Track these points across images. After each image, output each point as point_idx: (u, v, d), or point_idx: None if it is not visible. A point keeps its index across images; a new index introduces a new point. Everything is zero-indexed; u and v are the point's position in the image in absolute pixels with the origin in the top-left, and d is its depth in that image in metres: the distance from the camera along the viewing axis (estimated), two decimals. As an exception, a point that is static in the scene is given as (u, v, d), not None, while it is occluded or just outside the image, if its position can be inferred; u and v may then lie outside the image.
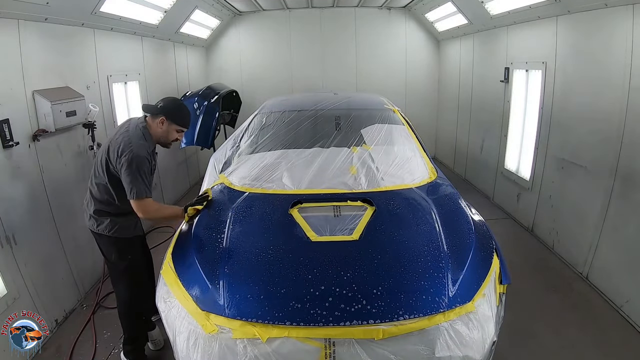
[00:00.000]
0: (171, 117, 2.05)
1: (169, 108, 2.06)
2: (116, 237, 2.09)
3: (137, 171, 1.91)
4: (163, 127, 2.05)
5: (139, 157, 1.92)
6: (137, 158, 1.92)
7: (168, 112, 2.05)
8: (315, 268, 1.64)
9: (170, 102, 2.10)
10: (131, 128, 2.03)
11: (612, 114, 2.67)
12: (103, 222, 2.07)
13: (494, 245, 1.88)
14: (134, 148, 1.93)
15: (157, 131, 2.06)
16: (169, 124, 2.05)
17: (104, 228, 2.07)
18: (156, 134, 2.07)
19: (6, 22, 2.28)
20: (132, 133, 2.00)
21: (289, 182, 2.25)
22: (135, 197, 1.92)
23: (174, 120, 2.06)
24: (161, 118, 2.03)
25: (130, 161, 1.90)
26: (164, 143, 2.13)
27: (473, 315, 1.54)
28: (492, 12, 4.07)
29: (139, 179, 1.92)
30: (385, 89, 5.86)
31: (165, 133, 2.08)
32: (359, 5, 5.89)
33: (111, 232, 2.08)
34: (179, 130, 2.10)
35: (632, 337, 2.39)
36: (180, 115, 2.09)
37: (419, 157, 2.56)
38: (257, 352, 1.44)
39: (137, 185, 1.92)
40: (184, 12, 4.40)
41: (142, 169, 1.92)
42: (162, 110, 2.04)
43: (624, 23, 2.53)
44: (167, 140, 2.12)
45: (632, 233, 2.53)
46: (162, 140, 2.11)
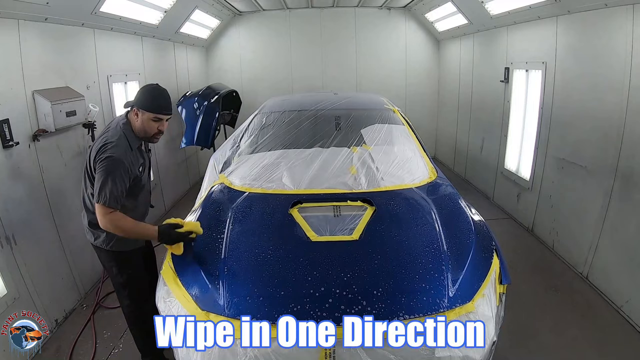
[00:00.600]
0: (140, 104, 1.83)
1: (138, 95, 1.87)
2: (114, 251, 1.95)
3: (108, 174, 1.72)
4: (138, 118, 1.86)
5: (114, 160, 1.74)
6: (111, 160, 1.74)
7: (137, 100, 1.85)
8: (315, 268, 1.64)
9: (142, 88, 1.90)
10: (112, 126, 1.89)
11: (612, 114, 2.67)
12: (100, 236, 1.92)
13: (494, 246, 1.88)
14: (109, 148, 1.76)
15: (135, 125, 1.87)
16: (142, 113, 1.84)
17: (101, 242, 1.93)
18: (136, 129, 1.88)
19: (6, 22, 2.28)
20: (112, 132, 1.85)
21: (289, 182, 2.25)
22: (99, 201, 1.71)
23: (143, 106, 1.83)
24: (134, 109, 1.86)
25: (103, 161, 1.74)
26: (146, 137, 1.92)
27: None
28: (492, 12, 4.07)
29: (109, 183, 1.72)
30: (385, 88, 5.88)
31: (141, 125, 1.86)
32: (359, 5, 5.89)
33: (109, 245, 1.93)
34: (155, 119, 1.85)
35: (632, 337, 2.39)
36: (150, 99, 1.84)
37: (419, 157, 2.56)
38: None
39: (104, 190, 1.71)
40: (184, 12, 4.40)
41: (115, 172, 1.73)
42: (135, 99, 1.87)
43: (624, 23, 2.53)
44: (146, 135, 1.89)
45: (632, 233, 2.53)
46: (141, 135, 1.90)
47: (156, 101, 1.85)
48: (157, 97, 1.86)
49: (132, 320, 2.11)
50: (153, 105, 1.84)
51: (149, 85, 1.91)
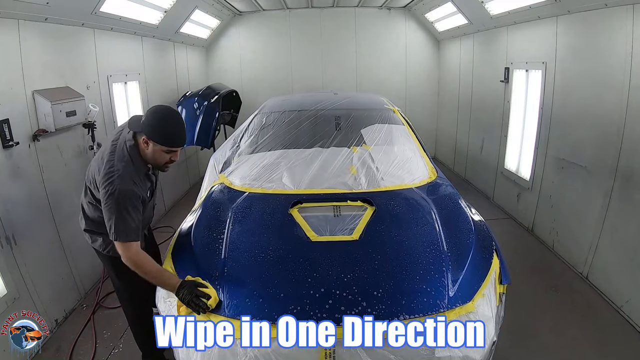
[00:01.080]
0: (151, 136, 1.65)
1: (148, 122, 1.65)
2: (112, 256, 1.86)
3: (118, 208, 1.60)
4: (148, 147, 1.68)
5: (122, 192, 1.60)
6: (120, 193, 1.60)
7: (147, 128, 1.65)
8: (315, 268, 1.64)
9: (150, 115, 1.66)
10: (119, 146, 1.70)
11: (612, 114, 2.67)
12: (97, 240, 1.90)
13: (494, 246, 1.88)
14: (116, 179, 1.61)
15: (144, 152, 1.70)
16: (153, 144, 1.66)
17: (99, 246, 1.90)
18: (145, 156, 1.71)
19: (6, 22, 2.28)
20: (118, 155, 1.67)
21: (289, 182, 2.25)
22: (118, 239, 1.62)
23: (154, 138, 1.65)
24: (143, 137, 1.67)
25: (110, 195, 1.60)
26: (157, 168, 1.78)
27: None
28: (492, 12, 4.07)
29: (121, 218, 1.60)
30: (385, 88, 5.88)
31: (152, 156, 1.70)
32: (359, 5, 5.89)
33: (105, 250, 1.89)
34: (167, 151, 1.69)
35: (632, 337, 2.39)
36: (161, 131, 1.64)
37: (419, 157, 2.56)
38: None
39: (117, 226, 1.60)
40: (184, 12, 4.40)
41: (125, 206, 1.61)
42: (143, 126, 1.65)
43: (624, 23, 2.53)
44: (158, 165, 1.75)
45: (632, 233, 2.53)
46: (152, 163, 1.74)
47: (170, 134, 1.67)
48: (172, 128, 1.67)
49: (133, 321, 2.12)
50: (167, 138, 1.66)
51: (161, 111, 1.68)
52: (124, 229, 1.62)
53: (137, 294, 1.99)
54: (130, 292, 2.00)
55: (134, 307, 2.05)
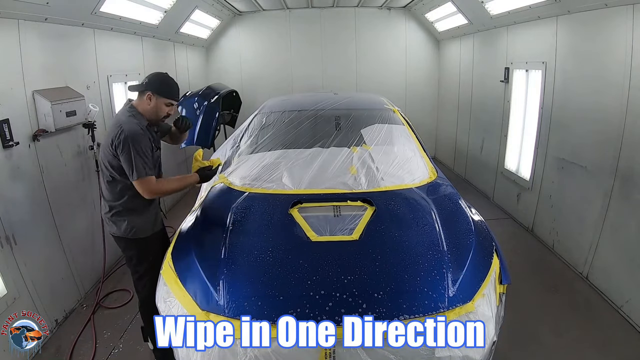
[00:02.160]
0: (157, 90, 1.97)
1: (154, 81, 1.99)
2: (136, 239, 2.04)
3: (132, 150, 1.85)
4: (151, 102, 1.98)
5: (132, 135, 1.86)
6: (130, 136, 1.85)
7: (153, 86, 1.97)
8: (315, 268, 1.64)
9: (155, 76, 2.03)
10: (119, 113, 2.01)
11: (612, 114, 2.67)
12: (121, 225, 2.01)
13: (494, 245, 1.88)
14: (124, 127, 1.87)
15: (146, 108, 1.99)
16: (157, 97, 1.98)
17: (124, 230, 2.01)
18: (145, 112, 2.00)
19: (6, 22, 2.28)
20: (120, 116, 1.96)
21: (289, 182, 2.25)
22: (135, 177, 1.87)
23: (161, 92, 1.98)
24: (148, 94, 1.97)
25: (124, 142, 1.85)
26: (154, 121, 2.05)
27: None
28: (492, 12, 4.07)
29: (136, 157, 1.85)
30: (385, 88, 5.88)
31: (154, 109, 1.99)
32: (359, 5, 5.89)
33: (130, 233, 2.02)
34: (168, 104, 2.02)
35: (632, 337, 2.39)
36: (166, 86, 2.01)
37: (419, 157, 2.56)
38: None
39: (134, 165, 1.85)
40: (184, 12, 4.40)
41: (137, 147, 1.86)
42: (148, 86, 1.98)
43: (624, 23, 2.53)
44: (157, 117, 2.03)
45: (632, 233, 2.53)
46: (152, 117, 2.02)
47: (174, 89, 2.04)
48: (173, 85, 2.04)
49: (146, 308, 2.10)
50: (172, 92, 2.02)
51: (162, 73, 2.05)
52: (142, 166, 1.86)
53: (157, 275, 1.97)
54: (151, 275, 2.02)
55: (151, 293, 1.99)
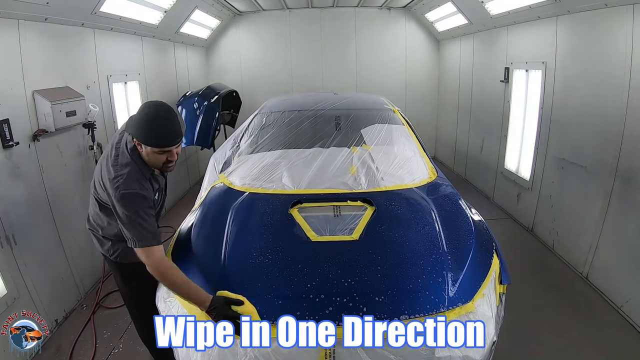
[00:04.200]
0: (137, 137, 1.55)
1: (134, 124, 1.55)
2: (119, 262, 1.86)
3: (130, 214, 1.53)
4: (142, 150, 1.59)
5: (129, 195, 1.53)
6: (127, 197, 1.53)
7: (133, 130, 1.55)
8: (315, 268, 1.63)
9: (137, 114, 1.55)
10: (121, 150, 1.64)
11: (613, 114, 2.67)
12: (104, 245, 1.84)
13: (494, 245, 1.88)
14: (122, 183, 1.54)
15: (143, 156, 1.62)
16: (144, 146, 1.56)
17: (106, 251, 1.86)
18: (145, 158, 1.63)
19: (6, 22, 2.28)
20: (121, 159, 1.61)
21: (289, 182, 2.25)
22: (137, 246, 1.55)
23: (140, 140, 1.54)
24: (134, 140, 1.58)
25: (119, 201, 1.53)
26: (157, 168, 1.69)
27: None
28: (492, 12, 4.07)
29: (135, 223, 1.53)
30: (385, 88, 5.88)
31: (148, 158, 1.61)
32: (359, 5, 5.89)
33: (113, 256, 1.84)
34: (160, 152, 1.58)
35: (632, 337, 2.39)
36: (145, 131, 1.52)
37: (419, 157, 2.56)
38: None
39: (134, 232, 1.54)
40: (184, 12, 4.40)
41: (135, 209, 1.54)
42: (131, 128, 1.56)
43: (624, 23, 2.53)
44: (158, 167, 1.66)
45: (632, 233, 2.53)
46: (151, 165, 1.66)
47: (154, 132, 1.52)
48: (156, 126, 1.52)
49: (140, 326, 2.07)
50: (152, 138, 1.53)
51: (147, 109, 1.55)
52: (141, 234, 1.54)
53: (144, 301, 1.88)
54: (137, 299, 1.94)
55: (140, 314, 1.99)
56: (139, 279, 1.82)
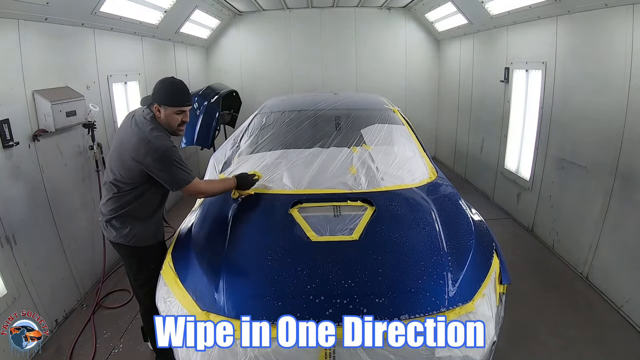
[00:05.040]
0: (161, 100, 1.85)
1: (157, 90, 1.87)
2: (136, 247, 1.95)
3: (169, 164, 1.79)
4: (161, 114, 1.86)
5: (165, 150, 1.78)
6: (164, 152, 1.78)
7: (157, 96, 1.86)
8: (315, 268, 1.64)
9: (159, 84, 1.90)
10: (139, 123, 1.86)
11: (612, 114, 2.67)
12: (122, 231, 1.92)
13: (494, 245, 1.88)
14: (156, 144, 1.78)
15: (160, 120, 1.88)
16: (164, 108, 1.85)
17: (123, 238, 1.93)
18: (161, 123, 1.88)
19: (6, 22, 2.28)
20: (144, 128, 1.83)
21: (289, 182, 2.25)
22: (182, 187, 1.85)
23: (165, 101, 1.85)
24: (155, 105, 1.86)
25: (159, 159, 1.77)
26: (171, 132, 1.92)
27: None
28: (492, 12, 4.07)
29: (175, 169, 1.81)
30: (385, 88, 5.87)
31: (165, 120, 1.88)
32: (359, 5, 5.89)
33: (130, 241, 1.93)
34: (178, 112, 1.88)
35: (632, 337, 2.39)
36: (171, 93, 1.87)
37: (419, 157, 2.56)
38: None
39: (177, 177, 1.82)
40: (184, 12, 4.40)
41: (173, 159, 1.80)
42: (154, 97, 1.87)
43: (624, 23, 2.53)
44: (172, 127, 1.91)
45: (632, 233, 2.52)
46: (168, 129, 1.90)
47: (177, 95, 1.89)
48: (178, 91, 1.90)
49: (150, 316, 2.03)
50: (175, 99, 1.87)
51: (166, 80, 1.92)
52: (185, 174, 1.84)
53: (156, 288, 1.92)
54: (150, 285, 1.93)
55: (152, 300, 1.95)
56: (156, 261, 1.97)
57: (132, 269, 2.04)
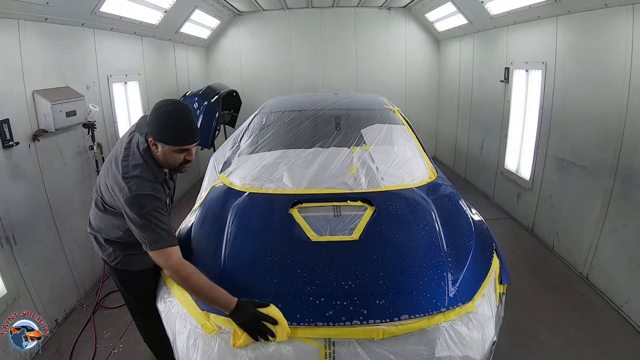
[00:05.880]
0: (156, 136, 1.50)
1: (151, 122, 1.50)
2: (119, 269, 1.78)
3: (143, 216, 1.46)
4: (158, 150, 1.53)
5: (142, 197, 1.47)
6: (140, 198, 1.46)
7: (151, 129, 1.50)
8: (315, 268, 1.63)
9: (153, 113, 1.51)
10: (132, 150, 1.57)
11: (612, 114, 2.67)
12: (106, 250, 1.76)
13: (494, 245, 1.88)
14: (133, 184, 1.47)
15: (157, 156, 1.56)
16: (161, 145, 1.51)
17: (107, 256, 1.77)
18: (159, 160, 1.57)
19: (6, 22, 2.28)
20: (132, 160, 1.54)
21: (289, 182, 2.24)
22: (152, 249, 1.48)
23: (160, 138, 1.50)
24: (150, 139, 1.53)
25: (132, 202, 1.46)
26: (172, 169, 1.64)
27: (473, 315, 1.54)
28: (492, 12, 4.07)
29: (150, 223, 1.46)
30: (385, 88, 5.88)
31: (163, 158, 1.55)
32: (359, 5, 5.89)
33: (114, 262, 1.77)
34: (178, 151, 1.53)
35: (632, 337, 2.39)
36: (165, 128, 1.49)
37: (419, 157, 2.56)
38: (256, 353, 1.44)
39: (149, 234, 1.47)
40: (184, 12, 4.40)
41: (149, 211, 1.47)
42: (148, 127, 1.52)
43: (624, 23, 2.53)
44: (172, 167, 1.60)
45: (632, 233, 2.53)
46: (167, 166, 1.60)
47: (175, 131, 1.50)
48: (177, 125, 1.50)
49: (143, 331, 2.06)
50: (172, 137, 1.50)
51: (163, 107, 1.51)
52: (156, 236, 1.47)
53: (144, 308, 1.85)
54: (137, 306, 1.90)
55: (143, 319, 1.97)
56: (139, 287, 1.82)
57: (119, 289, 1.92)
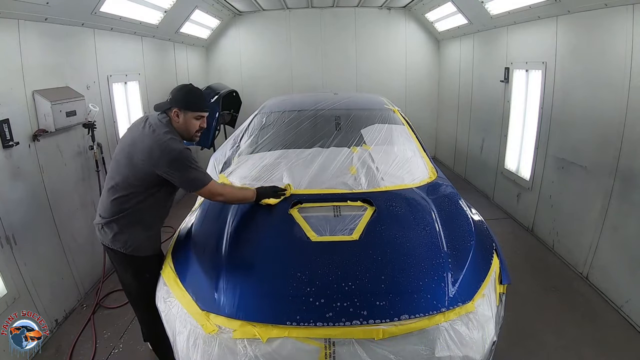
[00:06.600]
0: (182, 104, 1.86)
1: (178, 95, 1.88)
2: (132, 256, 1.88)
3: (185, 166, 1.78)
4: (180, 119, 1.87)
5: (179, 153, 1.77)
6: (178, 154, 1.76)
7: (177, 101, 1.87)
8: (315, 268, 1.64)
9: (177, 90, 1.92)
10: (155, 126, 1.84)
11: (612, 114, 2.67)
12: (120, 237, 1.86)
13: (494, 246, 1.88)
14: (170, 145, 1.77)
15: (177, 126, 1.88)
16: (184, 113, 1.87)
17: (122, 244, 1.86)
18: (178, 129, 1.89)
19: (6, 22, 2.28)
20: (159, 132, 1.81)
21: (289, 182, 2.25)
22: (199, 188, 1.82)
23: (186, 106, 1.87)
24: (174, 110, 1.86)
25: (173, 160, 1.76)
26: (188, 137, 1.93)
27: (473, 315, 1.54)
28: (492, 12, 4.07)
29: (191, 171, 1.79)
30: (385, 88, 5.88)
31: (184, 125, 1.89)
32: (359, 5, 5.89)
33: (129, 249, 1.87)
34: (197, 117, 1.90)
35: (632, 337, 2.39)
36: (189, 99, 1.89)
37: (419, 157, 2.56)
38: (257, 352, 1.44)
39: (192, 178, 1.80)
40: (184, 12, 4.40)
41: (188, 162, 1.78)
42: (172, 102, 1.87)
43: (624, 23, 2.53)
44: (189, 133, 1.92)
45: (632, 233, 2.53)
46: (184, 134, 1.91)
47: (200, 100, 1.94)
48: (198, 97, 1.93)
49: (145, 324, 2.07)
50: (198, 104, 1.91)
51: (186, 86, 1.95)
52: (202, 176, 1.83)
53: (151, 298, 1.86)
54: (146, 293, 1.89)
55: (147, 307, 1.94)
56: (151, 272, 1.89)
57: (126, 277, 1.98)
